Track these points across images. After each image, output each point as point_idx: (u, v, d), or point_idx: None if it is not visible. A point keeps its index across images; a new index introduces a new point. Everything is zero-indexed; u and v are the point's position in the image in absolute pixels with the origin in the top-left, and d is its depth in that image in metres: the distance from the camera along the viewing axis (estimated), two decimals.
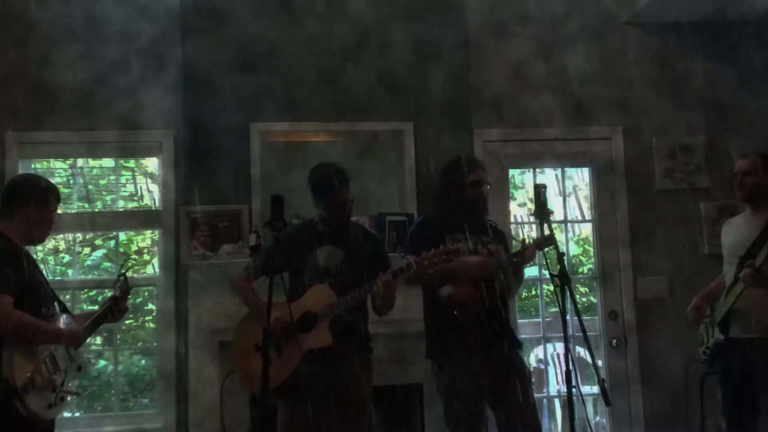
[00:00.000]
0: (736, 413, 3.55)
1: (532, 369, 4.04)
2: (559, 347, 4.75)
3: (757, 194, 3.55)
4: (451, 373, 3.31)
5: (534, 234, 3.69)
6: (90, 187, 4.77)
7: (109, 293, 3.27)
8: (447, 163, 3.65)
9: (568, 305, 3.02)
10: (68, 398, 2.94)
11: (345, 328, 3.27)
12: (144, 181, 4.81)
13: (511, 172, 5.17)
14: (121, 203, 4.75)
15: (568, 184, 5.15)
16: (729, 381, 3.59)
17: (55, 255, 4.80)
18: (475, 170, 3.49)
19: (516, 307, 4.77)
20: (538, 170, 5.15)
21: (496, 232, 3.58)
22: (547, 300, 5.03)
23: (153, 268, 4.70)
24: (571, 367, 2.91)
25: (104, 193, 4.78)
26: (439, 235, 3.38)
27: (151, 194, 4.73)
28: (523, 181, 5.83)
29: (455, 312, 3.30)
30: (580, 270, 5.88)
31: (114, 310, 3.15)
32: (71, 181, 4.70)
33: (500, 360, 3.34)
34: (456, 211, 3.47)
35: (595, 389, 4.08)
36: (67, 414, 4.31)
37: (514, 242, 3.62)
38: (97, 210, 4.70)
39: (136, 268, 5.14)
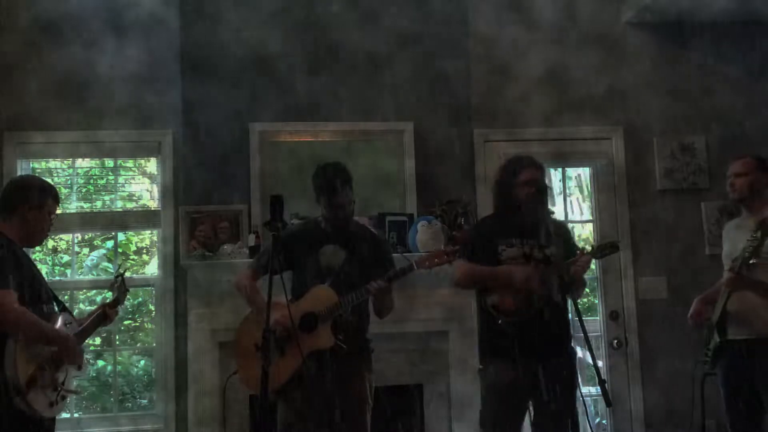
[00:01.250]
0: (740, 414, 3.57)
1: None
2: None
3: (749, 195, 3.59)
4: (493, 378, 3.28)
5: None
6: (89, 187, 4.76)
7: (108, 293, 3.27)
8: (502, 164, 3.51)
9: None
10: (68, 397, 2.94)
11: (346, 329, 3.26)
12: (143, 181, 4.80)
13: None
14: (120, 203, 4.74)
15: (568, 184, 5.14)
16: (729, 382, 3.63)
17: (54, 255, 4.79)
18: (526, 169, 3.34)
19: None
20: None
21: (559, 234, 3.35)
22: None
23: (152, 268, 4.68)
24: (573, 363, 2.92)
25: (103, 193, 4.77)
26: (491, 240, 3.32)
27: (151, 194, 4.72)
28: None
29: (499, 321, 3.23)
30: None
31: (107, 315, 3.16)
32: (70, 182, 4.69)
33: (545, 368, 3.19)
34: (510, 214, 3.36)
35: (596, 390, 4.07)
36: (66, 415, 4.30)
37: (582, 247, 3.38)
38: (96, 210, 4.69)
39: (135, 268, 5.13)
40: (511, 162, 3.44)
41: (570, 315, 3.32)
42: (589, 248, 3.34)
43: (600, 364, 4.72)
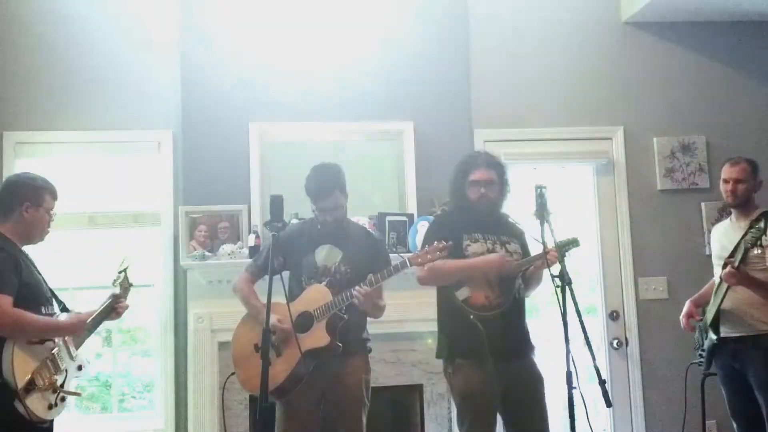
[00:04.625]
0: (743, 411, 3.65)
1: None
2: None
3: (746, 200, 3.70)
4: (466, 376, 3.24)
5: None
6: (89, 186, 4.74)
7: (112, 290, 3.27)
8: (458, 161, 3.52)
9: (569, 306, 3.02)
10: (68, 398, 2.94)
11: (342, 328, 3.25)
12: (143, 181, 4.79)
13: (512, 171, 5.14)
14: (119, 203, 4.73)
15: (568, 184, 5.13)
16: (727, 380, 3.71)
17: (54, 255, 4.78)
18: (477, 169, 3.36)
19: None
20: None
21: (516, 232, 3.43)
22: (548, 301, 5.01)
23: (152, 268, 4.67)
24: (571, 368, 2.91)
25: (103, 193, 4.76)
26: (456, 234, 3.32)
27: (151, 194, 4.70)
28: None
29: (471, 316, 3.20)
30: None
31: (116, 308, 3.15)
32: (69, 181, 4.67)
33: (514, 365, 3.24)
34: (466, 211, 3.39)
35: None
36: (66, 415, 4.29)
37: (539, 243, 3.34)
38: (96, 210, 4.69)
39: (135, 268, 5.12)
40: (464, 161, 3.45)
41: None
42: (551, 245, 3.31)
43: (600, 364, 4.75)
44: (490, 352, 3.14)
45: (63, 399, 2.89)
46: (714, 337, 3.60)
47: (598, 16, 5.06)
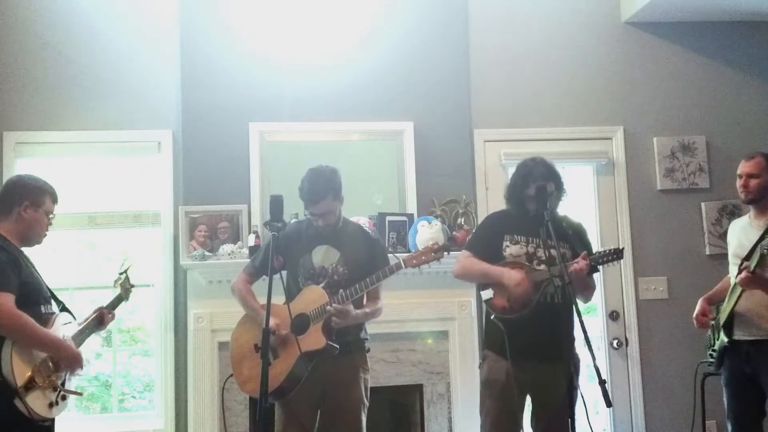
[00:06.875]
0: (742, 415, 3.58)
1: None
2: None
3: (762, 196, 3.57)
4: (489, 366, 3.34)
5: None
6: (89, 187, 4.75)
7: (113, 290, 3.27)
8: (520, 164, 3.48)
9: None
10: (68, 397, 2.94)
11: (339, 329, 3.23)
12: (143, 181, 4.79)
13: (511, 171, 5.14)
14: (120, 203, 4.73)
15: (568, 184, 5.12)
16: (732, 382, 3.62)
17: (54, 255, 4.78)
18: (537, 181, 3.32)
19: None
20: None
21: (568, 235, 3.36)
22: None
23: (152, 268, 4.67)
24: (571, 368, 2.91)
25: (103, 193, 4.76)
26: (497, 235, 3.38)
27: (151, 194, 4.71)
28: None
29: (492, 317, 3.31)
30: None
31: (103, 320, 3.17)
32: (69, 181, 4.67)
33: (540, 368, 3.20)
34: (519, 215, 3.39)
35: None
36: (66, 414, 4.29)
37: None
38: (96, 210, 4.69)
39: (134, 268, 5.12)
40: (525, 172, 3.41)
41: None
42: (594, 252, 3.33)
43: (600, 364, 4.74)
44: (511, 353, 3.19)
45: (64, 398, 2.89)
46: (725, 339, 3.53)
47: (598, 16, 5.07)
